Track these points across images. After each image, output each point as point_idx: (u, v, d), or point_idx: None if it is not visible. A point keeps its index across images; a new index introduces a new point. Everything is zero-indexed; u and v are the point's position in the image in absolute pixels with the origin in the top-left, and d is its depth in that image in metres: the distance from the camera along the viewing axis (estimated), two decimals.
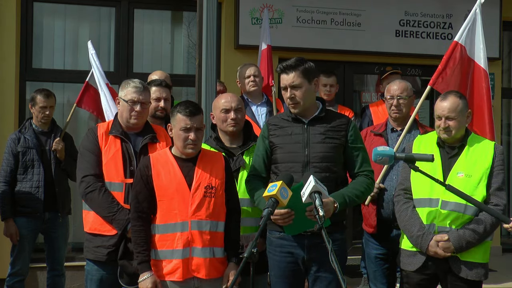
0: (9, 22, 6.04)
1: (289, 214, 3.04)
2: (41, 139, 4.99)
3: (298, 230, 3.16)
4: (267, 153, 3.33)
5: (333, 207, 3.04)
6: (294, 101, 3.23)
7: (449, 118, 3.33)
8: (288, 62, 3.24)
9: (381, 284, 4.10)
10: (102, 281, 3.52)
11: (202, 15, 4.47)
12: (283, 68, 3.24)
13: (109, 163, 3.47)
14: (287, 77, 3.23)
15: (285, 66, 3.23)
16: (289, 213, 3.04)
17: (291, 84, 3.21)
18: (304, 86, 3.22)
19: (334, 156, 3.22)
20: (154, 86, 4.13)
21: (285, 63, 3.25)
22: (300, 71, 3.21)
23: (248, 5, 6.44)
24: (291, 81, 3.21)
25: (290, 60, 3.25)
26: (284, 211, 3.02)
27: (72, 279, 5.73)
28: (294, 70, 3.21)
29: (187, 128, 3.12)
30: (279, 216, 3.04)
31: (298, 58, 3.26)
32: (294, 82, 3.21)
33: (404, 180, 3.52)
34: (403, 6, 6.88)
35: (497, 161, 3.35)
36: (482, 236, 3.26)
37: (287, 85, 3.23)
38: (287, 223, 3.08)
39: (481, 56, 4.40)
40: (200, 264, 3.11)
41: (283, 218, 3.05)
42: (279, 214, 3.03)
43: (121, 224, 3.37)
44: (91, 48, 5.11)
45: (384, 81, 5.78)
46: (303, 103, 3.23)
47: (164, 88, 4.15)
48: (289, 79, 3.21)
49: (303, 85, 3.22)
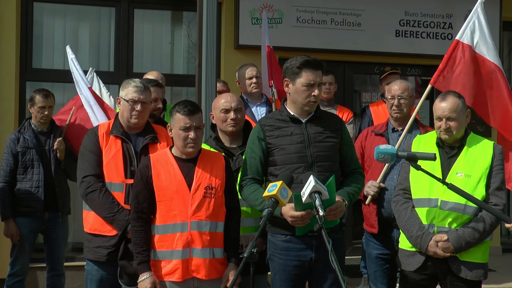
0: (9, 22, 6.04)
1: (309, 214, 3.00)
2: (41, 139, 4.99)
3: (306, 230, 3.13)
4: (263, 154, 3.25)
5: (344, 205, 3.10)
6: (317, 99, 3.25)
7: (450, 119, 3.33)
8: (320, 61, 3.24)
9: (382, 284, 4.09)
10: (102, 281, 3.52)
11: (202, 15, 4.47)
12: (321, 65, 3.23)
13: (110, 164, 3.46)
14: (323, 76, 3.29)
15: (322, 64, 3.25)
16: (309, 213, 2.99)
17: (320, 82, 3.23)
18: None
19: (333, 155, 3.24)
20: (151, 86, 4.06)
21: (318, 60, 3.23)
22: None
23: (248, 5, 6.44)
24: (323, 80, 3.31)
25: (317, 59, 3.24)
26: (304, 213, 2.98)
27: (72, 279, 5.73)
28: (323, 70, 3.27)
29: (187, 127, 3.12)
30: (300, 218, 2.99)
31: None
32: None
33: (403, 180, 3.52)
34: (403, 6, 6.88)
35: (497, 161, 3.35)
36: (482, 236, 3.26)
37: (320, 82, 3.22)
38: (306, 223, 3.04)
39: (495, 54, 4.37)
40: (199, 264, 3.11)
41: (303, 219, 3.00)
42: (299, 216, 2.98)
43: (121, 225, 3.37)
44: (70, 52, 5.04)
45: (383, 81, 5.78)
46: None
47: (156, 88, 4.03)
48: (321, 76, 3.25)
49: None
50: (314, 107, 3.25)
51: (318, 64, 3.21)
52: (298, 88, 3.20)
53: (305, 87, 3.18)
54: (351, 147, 3.39)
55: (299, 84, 3.19)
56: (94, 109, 4.68)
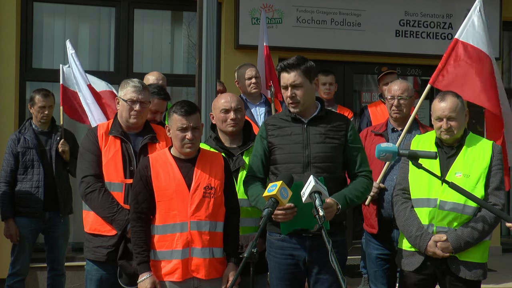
0: (9, 22, 6.04)
1: (292, 209, 2.96)
2: (41, 139, 4.99)
3: (292, 228, 3.10)
4: (265, 153, 3.29)
5: (336, 208, 3.02)
6: (294, 100, 3.19)
7: (450, 118, 3.32)
8: (289, 61, 3.18)
9: (381, 285, 4.09)
10: (102, 281, 3.52)
11: (202, 15, 4.46)
12: (284, 66, 3.18)
13: (109, 163, 3.47)
14: (288, 75, 3.18)
15: (286, 65, 3.18)
16: (292, 208, 2.95)
17: (292, 83, 3.17)
18: (305, 85, 3.18)
19: (334, 156, 3.21)
20: (158, 97, 3.94)
21: (286, 61, 3.19)
22: (302, 70, 3.16)
23: (248, 5, 6.44)
24: (292, 80, 3.16)
25: (291, 58, 3.20)
26: (287, 205, 2.91)
27: (72, 279, 5.73)
28: (295, 69, 3.16)
29: (184, 128, 3.12)
30: (281, 211, 2.94)
31: (299, 57, 3.21)
32: (295, 81, 3.16)
33: (402, 180, 3.52)
34: (403, 6, 6.88)
35: (495, 161, 3.34)
36: (481, 236, 3.26)
37: (288, 84, 3.18)
38: (288, 219, 2.98)
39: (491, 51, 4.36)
40: (199, 264, 3.12)
41: (286, 214, 2.95)
42: (282, 208, 2.92)
43: (121, 225, 3.37)
44: (70, 47, 5.01)
45: (380, 82, 5.77)
46: (303, 103, 3.20)
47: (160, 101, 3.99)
48: (290, 78, 3.17)
49: (304, 84, 3.18)
50: (296, 109, 3.22)
51: (290, 65, 3.18)
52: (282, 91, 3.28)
53: (283, 90, 3.23)
54: (358, 149, 3.27)
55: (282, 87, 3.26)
56: (92, 108, 4.68)
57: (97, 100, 4.72)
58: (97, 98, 4.76)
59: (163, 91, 4.05)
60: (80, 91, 4.81)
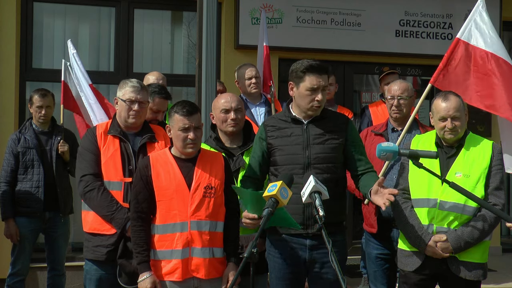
0: (9, 22, 6.05)
1: (256, 220, 3.02)
2: (41, 139, 4.99)
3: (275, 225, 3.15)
4: (263, 155, 3.29)
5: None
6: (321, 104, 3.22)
7: (455, 118, 3.31)
8: (325, 65, 3.22)
9: (381, 285, 4.09)
10: (101, 281, 3.52)
11: (202, 15, 4.46)
12: (326, 69, 3.21)
13: (108, 162, 3.47)
14: (326, 78, 3.22)
15: (327, 68, 3.22)
16: (256, 219, 3.01)
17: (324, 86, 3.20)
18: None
19: (334, 157, 3.21)
20: (159, 97, 3.96)
21: (323, 64, 3.21)
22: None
23: (248, 5, 6.44)
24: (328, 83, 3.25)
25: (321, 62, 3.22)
26: (251, 216, 3.01)
27: (72, 279, 5.73)
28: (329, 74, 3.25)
29: (186, 128, 3.12)
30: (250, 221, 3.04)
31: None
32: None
33: (402, 180, 3.51)
34: (403, 6, 6.89)
35: (495, 161, 3.34)
36: (481, 236, 3.25)
37: (323, 85, 3.19)
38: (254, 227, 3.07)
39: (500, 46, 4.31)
40: (199, 264, 3.12)
41: (251, 223, 3.04)
42: (249, 218, 3.02)
43: (120, 223, 3.37)
44: (71, 47, 5.01)
45: (382, 82, 5.77)
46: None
47: (162, 100, 4.01)
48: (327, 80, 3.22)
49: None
50: (318, 112, 3.22)
51: (323, 68, 3.18)
52: (301, 92, 3.19)
53: (308, 92, 3.16)
54: (359, 147, 3.28)
55: (303, 89, 3.18)
56: (94, 108, 4.69)
57: (99, 100, 4.73)
58: (99, 98, 4.77)
59: (164, 90, 4.06)
60: (82, 91, 4.82)
